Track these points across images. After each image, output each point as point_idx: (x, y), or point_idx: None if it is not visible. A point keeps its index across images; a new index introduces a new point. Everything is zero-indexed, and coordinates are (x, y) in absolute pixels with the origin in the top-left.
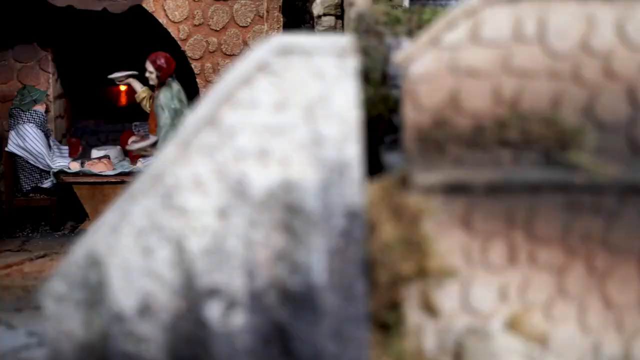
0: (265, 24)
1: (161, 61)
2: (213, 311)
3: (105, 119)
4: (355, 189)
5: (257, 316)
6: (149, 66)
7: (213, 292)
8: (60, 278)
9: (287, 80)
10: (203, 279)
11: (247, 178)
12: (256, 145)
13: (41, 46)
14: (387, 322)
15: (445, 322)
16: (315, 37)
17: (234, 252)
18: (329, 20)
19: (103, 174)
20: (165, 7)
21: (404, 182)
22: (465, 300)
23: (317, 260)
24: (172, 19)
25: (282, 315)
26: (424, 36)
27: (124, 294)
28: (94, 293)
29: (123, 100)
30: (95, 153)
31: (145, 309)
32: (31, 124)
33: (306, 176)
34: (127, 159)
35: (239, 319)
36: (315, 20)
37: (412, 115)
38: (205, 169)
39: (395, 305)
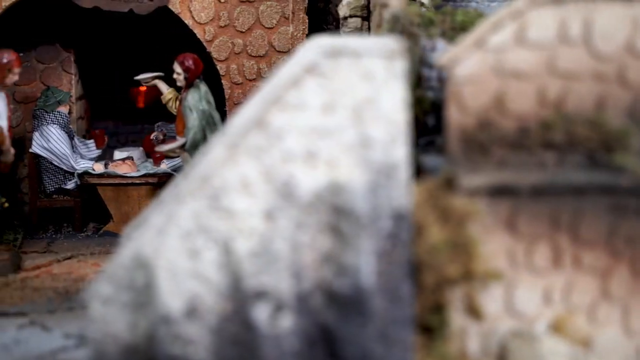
0: (291, 26)
1: (189, 62)
2: (261, 313)
3: (124, 120)
4: (402, 191)
5: (303, 318)
6: (177, 67)
7: (260, 295)
8: (106, 280)
9: (335, 82)
10: (250, 281)
11: (294, 180)
12: (304, 147)
13: (63, 47)
14: (431, 325)
15: (489, 325)
16: (364, 39)
17: (281, 254)
18: (354, 22)
19: (127, 175)
20: (191, 9)
21: (449, 184)
22: (510, 303)
23: (366, 262)
24: (198, 20)
25: (328, 318)
26: (469, 38)
27: (171, 296)
28: (140, 295)
29: (142, 101)
30: (118, 154)
31: (192, 311)
32: (55, 125)
33: (354, 178)
34: (150, 160)
35: (286, 322)
36: (341, 22)
37: (456, 117)
38: (253, 171)
39: (439, 308)
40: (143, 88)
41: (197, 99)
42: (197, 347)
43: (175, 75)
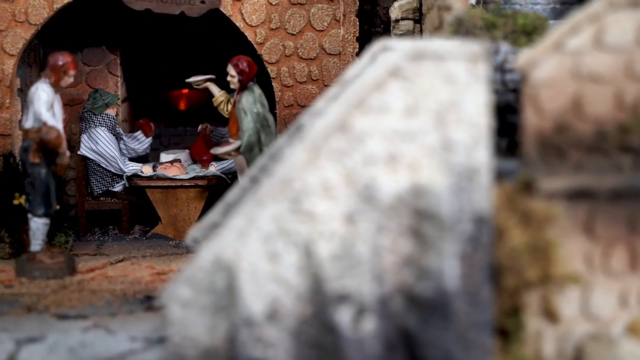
0: (342, 28)
1: (243, 65)
2: (343, 317)
3: (165, 123)
4: (483, 194)
5: (383, 322)
6: (231, 70)
7: (343, 298)
8: (185, 283)
9: (418, 85)
10: (332, 284)
11: (375, 183)
12: (386, 150)
13: (109, 49)
14: (507, 328)
15: (565, 328)
16: (447, 42)
17: (363, 258)
18: (406, 25)
19: (177, 177)
20: (243, 11)
21: (527, 188)
22: (586, 306)
23: (449, 265)
24: (249, 23)
25: (408, 321)
26: (547, 40)
27: (253, 299)
28: (220, 298)
29: (183, 104)
30: (165, 157)
31: (273, 314)
32: (103, 128)
33: (436, 181)
34: (198, 162)
35: (368, 325)
36: (392, 24)
37: (533, 120)
38: (334, 174)
39: (516, 311)
40: (185, 91)
41: (252, 102)
42: (278, 350)
43: (229, 78)
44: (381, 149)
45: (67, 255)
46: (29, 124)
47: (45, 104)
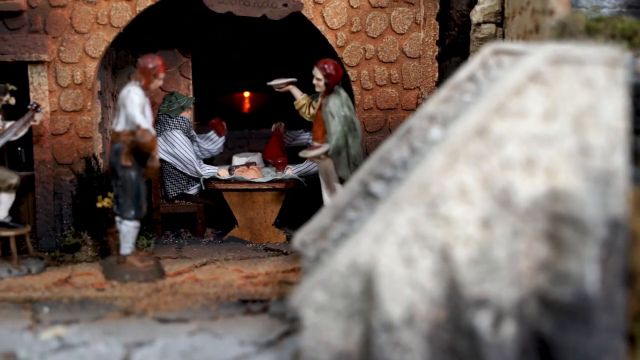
0: (422, 32)
1: (330, 68)
2: (482, 322)
3: (228, 126)
4: (619, 199)
5: (519, 326)
6: (317, 73)
7: (482, 303)
8: (320, 287)
9: (556, 89)
10: (471, 289)
11: (512, 187)
12: (523, 154)
13: (181, 52)
14: (633, 332)
15: None
16: (586, 46)
17: (501, 262)
18: (488, 28)
19: (255, 180)
20: (324, 14)
21: None
22: None
23: (590, 270)
24: (330, 26)
25: (543, 325)
26: None
27: (392, 304)
28: (354, 302)
29: (246, 106)
30: (237, 160)
31: (410, 319)
32: (179, 130)
33: (575, 186)
34: (271, 165)
35: (508, 330)
36: (473, 27)
37: None
38: (471, 178)
39: None
40: (247, 93)
41: (339, 105)
42: (415, 354)
43: (315, 81)
44: (518, 153)
45: (155, 258)
46: (120, 126)
47: (138, 107)
